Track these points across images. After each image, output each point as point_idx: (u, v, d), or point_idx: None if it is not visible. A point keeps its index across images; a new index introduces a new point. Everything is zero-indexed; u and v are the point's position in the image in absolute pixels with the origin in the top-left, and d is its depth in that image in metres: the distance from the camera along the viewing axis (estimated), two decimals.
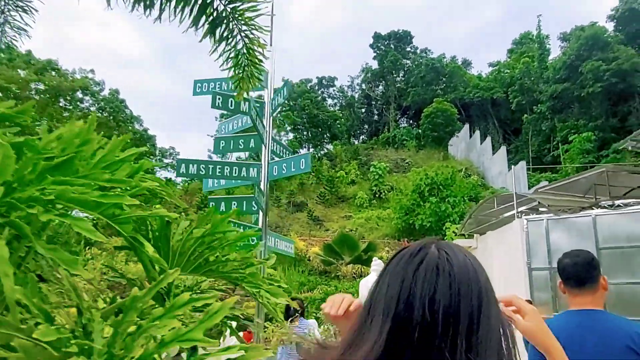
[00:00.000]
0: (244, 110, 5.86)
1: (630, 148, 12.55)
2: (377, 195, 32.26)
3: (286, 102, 44.18)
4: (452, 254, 0.80)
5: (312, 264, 23.17)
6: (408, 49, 52.58)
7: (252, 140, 6.10)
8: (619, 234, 14.01)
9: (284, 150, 6.41)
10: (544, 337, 1.21)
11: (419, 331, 0.73)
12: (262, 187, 5.55)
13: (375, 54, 52.34)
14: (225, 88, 6.05)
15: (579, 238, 14.46)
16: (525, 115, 35.97)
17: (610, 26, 32.30)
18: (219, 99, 5.81)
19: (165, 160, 51.85)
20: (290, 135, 43.05)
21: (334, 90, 49.78)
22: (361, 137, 54.71)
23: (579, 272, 2.02)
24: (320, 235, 27.84)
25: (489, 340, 0.74)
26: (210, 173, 5.64)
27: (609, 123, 25.59)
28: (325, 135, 44.57)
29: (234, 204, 5.67)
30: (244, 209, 5.70)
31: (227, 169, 5.68)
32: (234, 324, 1.53)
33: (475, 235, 19.68)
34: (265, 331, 5.73)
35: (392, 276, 0.80)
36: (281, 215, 32.05)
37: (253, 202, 5.49)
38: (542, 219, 15.16)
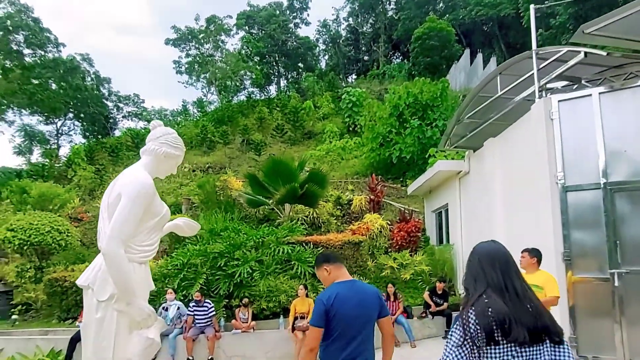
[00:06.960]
0: None
1: None
2: (351, 129, 25.54)
3: (249, 30, 36.80)
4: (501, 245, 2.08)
5: (245, 208, 16.88)
6: None
7: None
8: None
9: None
10: None
11: (501, 269, 1.96)
12: None
13: None
14: None
15: None
16: (540, 30, 28.73)
17: None
18: None
19: (127, 109, 45.13)
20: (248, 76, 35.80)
21: (308, 15, 41.77)
22: (349, 79, 47.47)
23: (335, 255, 3.26)
24: None
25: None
26: None
27: None
28: (299, 68, 37.36)
29: None
30: None
31: None
32: None
33: (467, 152, 13.17)
34: None
35: (481, 258, 2.03)
36: (232, 155, 25.59)
37: None
38: (590, 94, 8.40)
